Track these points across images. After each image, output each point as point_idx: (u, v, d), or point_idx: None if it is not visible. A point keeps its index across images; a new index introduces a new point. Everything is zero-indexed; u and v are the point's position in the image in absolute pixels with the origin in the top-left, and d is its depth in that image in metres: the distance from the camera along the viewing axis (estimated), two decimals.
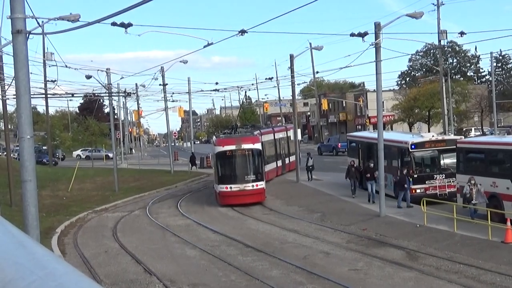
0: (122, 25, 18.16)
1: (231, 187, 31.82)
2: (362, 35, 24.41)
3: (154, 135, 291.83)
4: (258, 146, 32.80)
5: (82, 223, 29.33)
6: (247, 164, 32.31)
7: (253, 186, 32.00)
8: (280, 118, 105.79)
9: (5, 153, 43.20)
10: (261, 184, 32.18)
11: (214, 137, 38.61)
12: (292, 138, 42.93)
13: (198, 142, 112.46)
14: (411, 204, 26.35)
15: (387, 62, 63.75)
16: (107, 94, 44.35)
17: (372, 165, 29.05)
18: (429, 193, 26.44)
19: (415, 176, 27.25)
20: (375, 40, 24.45)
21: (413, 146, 27.76)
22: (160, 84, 54.39)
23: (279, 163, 44.53)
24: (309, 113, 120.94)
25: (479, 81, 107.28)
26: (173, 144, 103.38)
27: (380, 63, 24.81)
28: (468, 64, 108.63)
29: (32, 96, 17.89)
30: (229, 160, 32.33)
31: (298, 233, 23.41)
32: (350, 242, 21.37)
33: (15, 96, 16.03)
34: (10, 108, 78.64)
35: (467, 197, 22.34)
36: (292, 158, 44.90)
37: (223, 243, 22.21)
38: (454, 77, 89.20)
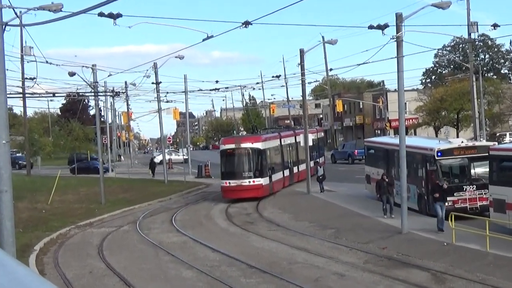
0: (111, 15, 18.20)
1: (230, 183, 39.09)
2: (382, 27, 24.43)
3: (145, 140, 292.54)
4: (257, 145, 39.38)
5: (63, 240, 29.35)
6: (245, 162, 39.25)
7: (249, 182, 38.90)
8: (288, 121, 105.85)
9: None
10: (259, 181, 39.02)
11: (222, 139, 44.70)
12: (302, 143, 43.05)
13: (192, 148, 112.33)
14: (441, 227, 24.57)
15: (410, 58, 64.15)
16: (93, 94, 44.44)
17: (444, 184, 25.60)
18: (458, 207, 26.36)
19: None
20: (397, 33, 24.46)
21: (439, 154, 27.72)
22: (152, 83, 54.55)
23: (286, 172, 44.72)
24: (321, 116, 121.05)
25: None
26: (167, 150, 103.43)
27: (402, 59, 24.80)
28: (502, 61, 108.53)
29: (8, 95, 17.94)
30: (230, 158, 39.46)
31: (308, 251, 23.38)
32: (368, 262, 21.32)
33: None
34: None
35: None
36: (302, 166, 45.77)
37: (224, 263, 22.19)
38: (486, 75, 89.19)
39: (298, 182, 44.62)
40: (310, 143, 42.23)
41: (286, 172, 44.94)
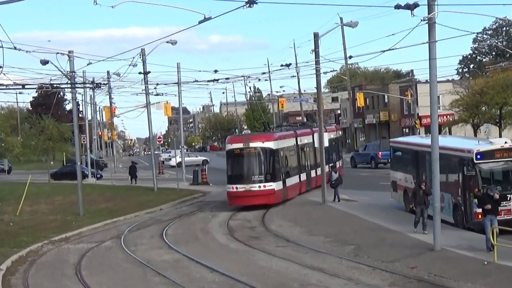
0: None
1: (237, 187, 39.89)
2: (411, 7, 24.36)
3: (131, 140, 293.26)
4: (269, 144, 40.33)
5: (35, 258, 29.40)
6: (255, 164, 40.02)
7: (260, 186, 39.65)
8: (300, 117, 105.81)
9: None
10: (270, 185, 39.72)
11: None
12: (317, 144, 43.14)
13: (187, 150, 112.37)
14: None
15: (444, 44, 63.98)
16: (69, 85, 44.50)
17: (496, 194, 24.71)
18: (500, 219, 26.33)
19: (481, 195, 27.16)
20: (428, 14, 24.42)
21: (478, 156, 27.72)
22: (140, 72, 54.50)
23: (303, 176, 45.03)
24: (339, 112, 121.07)
25: None
26: (157, 152, 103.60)
27: (435, 44, 24.78)
28: None
29: None
30: (237, 159, 40.44)
31: (324, 272, 23.37)
32: (394, 284, 21.31)
33: None
34: None
35: None
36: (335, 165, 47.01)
37: (224, 285, 22.21)
38: None
39: (317, 188, 44.78)
40: (326, 143, 42.32)
41: (303, 176, 45.32)
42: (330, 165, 43.99)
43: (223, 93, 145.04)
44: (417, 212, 28.59)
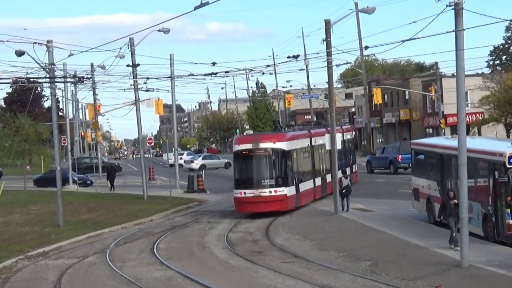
0: None
1: (245, 193, 40.88)
2: None
3: (118, 141, 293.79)
4: (280, 145, 41.40)
5: (9, 275, 29.36)
6: (265, 166, 41.22)
7: (270, 192, 40.63)
8: (309, 116, 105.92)
9: None
10: (282, 190, 40.68)
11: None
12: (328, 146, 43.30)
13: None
14: None
15: (473, 33, 63.95)
16: (48, 79, 44.54)
17: None
18: None
19: None
20: None
21: (511, 160, 27.70)
22: (128, 65, 54.51)
23: (318, 181, 45.28)
24: (353, 110, 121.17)
25: None
26: (147, 155, 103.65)
27: (462, 33, 24.76)
28: None
29: None
30: (246, 161, 41.60)
31: None
32: None
33: None
34: None
35: None
36: (340, 173, 46.89)
37: None
38: None
39: (332, 194, 44.96)
40: (339, 145, 42.44)
41: (318, 181, 45.76)
42: (343, 169, 44.18)
43: (222, 88, 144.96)
44: (452, 226, 28.04)
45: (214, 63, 51.15)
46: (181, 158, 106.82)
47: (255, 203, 40.62)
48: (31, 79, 43.87)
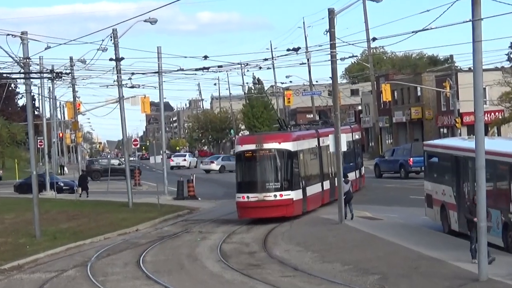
0: None
1: (248, 197, 41.52)
2: None
3: (100, 143, 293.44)
4: (286, 146, 42.08)
5: None
6: (269, 168, 42.05)
7: (275, 196, 41.17)
8: (311, 115, 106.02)
9: None
10: (288, 194, 41.26)
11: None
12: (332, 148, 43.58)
13: (169, 155, 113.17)
14: None
15: (492, 23, 64.09)
16: (23, 75, 44.64)
17: None
18: None
19: None
20: None
21: None
22: (111, 59, 54.44)
23: (326, 184, 45.54)
24: (360, 108, 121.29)
25: None
26: (132, 158, 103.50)
27: (480, 23, 24.88)
28: None
29: None
30: (249, 163, 42.48)
31: None
32: None
33: None
34: None
35: None
36: (351, 175, 48.75)
37: None
38: None
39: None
40: (344, 147, 42.61)
41: (326, 185, 46.07)
42: (346, 173, 44.46)
43: (215, 84, 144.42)
44: (473, 237, 27.39)
45: (206, 57, 51.36)
46: (184, 160, 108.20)
47: (259, 208, 41.31)
48: (4, 75, 44.06)
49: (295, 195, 41.75)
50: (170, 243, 39.32)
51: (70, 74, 61.31)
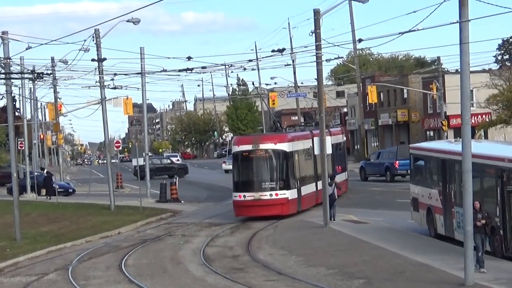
0: None
1: (245, 196, 43.32)
2: None
3: (82, 145, 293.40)
4: (282, 146, 43.88)
5: None
6: (265, 168, 43.76)
7: (271, 195, 42.92)
8: (296, 117, 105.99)
9: None
10: (283, 194, 43.05)
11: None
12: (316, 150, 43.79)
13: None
14: None
15: (480, 24, 64.23)
16: (3, 76, 44.45)
17: None
18: None
19: None
20: None
21: None
22: (93, 60, 54.41)
23: (320, 185, 46.04)
24: (345, 110, 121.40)
25: None
26: (114, 160, 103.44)
27: (468, 24, 24.86)
28: None
29: None
30: (245, 163, 44.24)
31: None
32: None
33: None
34: None
35: None
36: (342, 176, 50.94)
37: None
38: None
39: (338, 197, 45.46)
40: (329, 150, 42.72)
41: (320, 185, 46.11)
42: (330, 175, 44.75)
43: (199, 86, 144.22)
44: (478, 244, 26.68)
45: (189, 58, 51.23)
46: (178, 160, 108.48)
47: (255, 206, 43.13)
48: None
49: (290, 194, 43.29)
50: (152, 246, 39.23)
51: (51, 75, 60.99)
